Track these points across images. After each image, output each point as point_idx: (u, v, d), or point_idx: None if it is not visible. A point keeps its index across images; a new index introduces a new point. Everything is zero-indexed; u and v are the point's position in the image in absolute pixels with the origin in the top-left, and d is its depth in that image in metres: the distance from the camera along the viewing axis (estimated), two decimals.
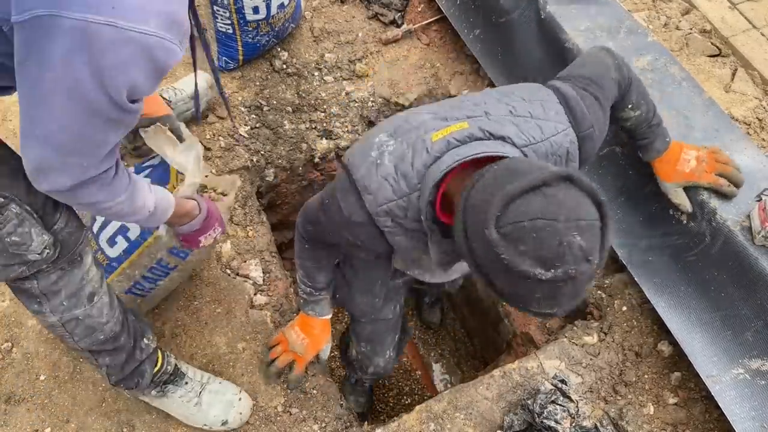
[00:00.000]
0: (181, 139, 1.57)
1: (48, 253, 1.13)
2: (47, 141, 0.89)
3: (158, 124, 1.55)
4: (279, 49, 2.41)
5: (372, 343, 1.91)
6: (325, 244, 1.46)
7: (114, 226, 1.62)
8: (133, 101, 0.88)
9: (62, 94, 0.82)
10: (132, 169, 1.66)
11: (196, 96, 1.51)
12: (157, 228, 1.51)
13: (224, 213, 1.62)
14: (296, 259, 1.56)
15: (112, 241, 1.61)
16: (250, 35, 2.22)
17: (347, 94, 2.40)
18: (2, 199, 1.04)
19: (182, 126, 1.61)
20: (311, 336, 1.69)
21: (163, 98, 1.99)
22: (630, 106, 1.45)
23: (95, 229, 1.65)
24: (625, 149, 1.88)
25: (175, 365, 1.62)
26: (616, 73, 1.37)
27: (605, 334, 1.86)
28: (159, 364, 1.55)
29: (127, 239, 1.60)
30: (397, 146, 1.15)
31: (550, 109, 1.20)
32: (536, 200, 0.87)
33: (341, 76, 2.43)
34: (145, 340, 1.50)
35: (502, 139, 1.12)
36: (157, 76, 0.87)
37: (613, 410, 1.71)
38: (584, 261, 0.85)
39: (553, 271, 0.84)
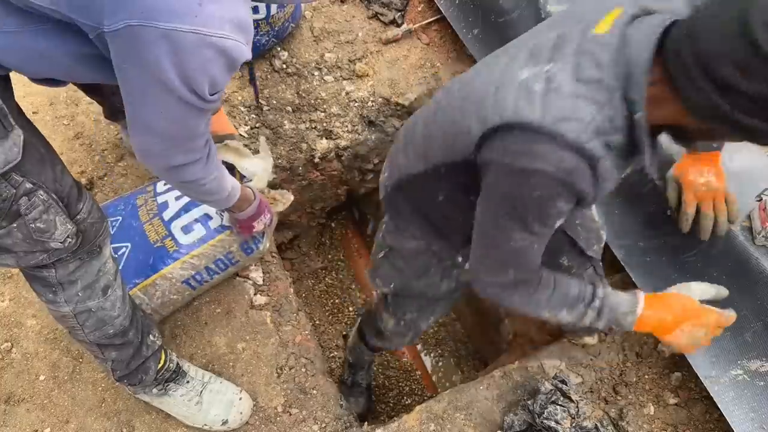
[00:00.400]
0: (256, 152, 1.77)
1: (70, 242, 1.15)
2: (149, 129, 1.05)
3: (226, 142, 1.74)
4: (279, 49, 2.41)
5: (421, 311, 1.74)
6: (537, 262, 1.17)
7: (192, 215, 1.72)
8: (212, 93, 1.01)
9: (157, 91, 0.96)
10: None
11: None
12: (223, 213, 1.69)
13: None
14: (544, 311, 1.23)
15: (187, 228, 1.71)
16: None
17: (347, 93, 2.40)
18: (31, 185, 1.06)
19: (262, 139, 1.86)
20: (688, 307, 1.29)
21: None
22: None
23: (166, 217, 1.72)
24: None
25: (177, 364, 1.62)
26: None
27: (605, 334, 1.86)
28: (162, 362, 1.56)
29: (207, 227, 1.71)
30: (561, 63, 0.96)
31: None
32: None
33: (341, 76, 2.43)
34: (151, 337, 1.51)
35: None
36: (231, 72, 1.01)
37: (613, 410, 1.71)
38: None
39: None
